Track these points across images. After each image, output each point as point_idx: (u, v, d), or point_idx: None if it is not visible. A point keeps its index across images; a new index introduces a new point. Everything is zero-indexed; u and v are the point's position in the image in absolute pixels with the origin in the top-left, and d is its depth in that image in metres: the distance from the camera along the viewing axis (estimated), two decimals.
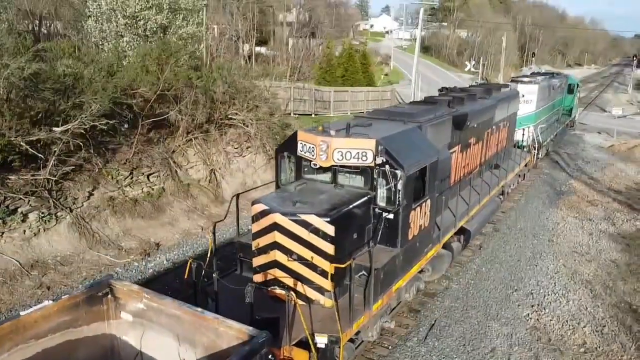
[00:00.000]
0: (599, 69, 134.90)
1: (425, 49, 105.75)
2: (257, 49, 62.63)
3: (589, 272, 14.23)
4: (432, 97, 14.71)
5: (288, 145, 9.70)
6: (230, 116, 19.74)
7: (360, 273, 8.34)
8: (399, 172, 8.56)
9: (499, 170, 16.35)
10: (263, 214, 8.16)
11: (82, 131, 13.74)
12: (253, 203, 8.42)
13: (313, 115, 29.63)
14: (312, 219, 7.79)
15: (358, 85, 35.32)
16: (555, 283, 13.46)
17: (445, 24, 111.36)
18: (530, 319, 11.74)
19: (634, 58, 73.53)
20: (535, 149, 21.97)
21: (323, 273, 7.91)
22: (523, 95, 21.51)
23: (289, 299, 7.03)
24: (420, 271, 10.82)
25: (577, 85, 32.19)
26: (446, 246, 11.93)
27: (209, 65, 19.60)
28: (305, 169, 9.57)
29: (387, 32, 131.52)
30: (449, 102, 13.06)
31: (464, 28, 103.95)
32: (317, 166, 9.08)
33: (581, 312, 12.13)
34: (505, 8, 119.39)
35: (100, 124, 14.10)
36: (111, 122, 14.67)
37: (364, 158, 8.70)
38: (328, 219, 7.78)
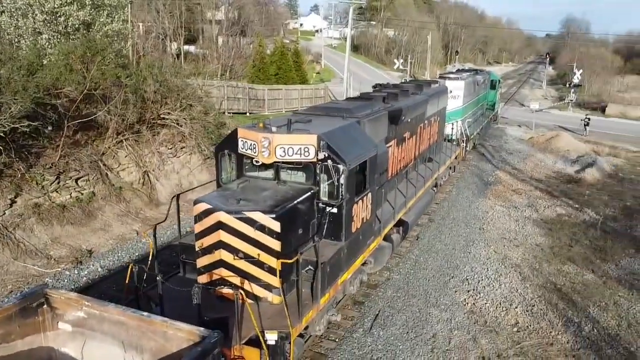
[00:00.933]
0: (516, 67, 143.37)
1: (355, 48, 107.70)
2: (186, 47, 61.03)
3: (517, 257, 15.12)
4: (367, 93, 15.02)
5: (228, 143, 9.55)
6: (162, 116, 19.14)
7: (307, 268, 8.37)
8: (341, 167, 8.67)
9: (432, 163, 16.96)
10: (206, 213, 7.99)
11: (1, 134, 12.82)
12: (195, 202, 8.23)
13: (248, 114, 29.33)
14: (258, 216, 7.73)
15: (291, 83, 35.36)
16: (487, 268, 14.19)
17: (373, 22, 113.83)
18: (467, 303, 12.30)
19: (547, 56, 78.75)
20: (464, 142, 22.99)
21: (270, 270, 7.87)
22: (451, 91, 22.42)
23: (238, 298, 6.94)
24: (364, 263, 11.03)
25: (499, 81, 34.05)
26: (386, 238, 12.23)
27: (137, 64, 18.82)
28: (247, 167, 9.47)
29: (316, 31, 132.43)
30: (384, 98, 13.39)
31: (391, 27, 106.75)
32: (259, 163, 9.01)
33: (512, 294, 12.86)
34: (429, 8, 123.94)
35: (21, 126, 13.22)
36: (34, 124, 13.78)
37: (307, 153, 8.74)
38: (274, 215, 7.75)
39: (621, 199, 21.01)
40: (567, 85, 53.26)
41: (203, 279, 8.25)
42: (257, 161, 9.00)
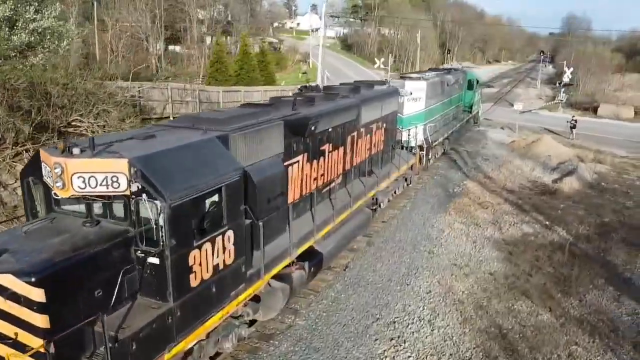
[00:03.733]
0: (516, 65, 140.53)
1: (348, 47, 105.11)
2: (171, 47, 58.92)
3: (463, 290, 12.76)
4: (276, 97, 12.71)
5: (34, 167, 7.24)
6: (73, 123, 16.86)
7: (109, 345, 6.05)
8: (158, 203, 6.35)
9: (370, 178, 14.59)
10: None
11: None
12: None
13: None
14: (7, 280, 5.42)
15: (255, 85, 32.95)
16: (424, 306, 11.84)
17: (358, 20, 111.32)
18: (386, 357, 9.95)
19: (541, 54, 76.18)
20: (424, 150, 20.57)
21: (37, 355, 5.56)
22: (411, 93, 20.10)
23: None
24: (237, 317, 8.70)
25: (477, 81, 31.49)
26: (284, 278, 9.89)
27: (40, 65, 16.54)
28: (57, 199, 7.15)
29: (313, 31, 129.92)
30: (292, 104, 11.07)
31: (386, 26, 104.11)
32: (59, 196, 6.71)
33: (445, 343, 10.51)
34: (425, 6, 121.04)
35: None
36: None
37: (116, 185, 6.42)
38: (32, 279, 5.44)
39: (599, 213, 18.54)
40: (558, 85, 50.61)
41: None
42: (56, 194, 6.70)
